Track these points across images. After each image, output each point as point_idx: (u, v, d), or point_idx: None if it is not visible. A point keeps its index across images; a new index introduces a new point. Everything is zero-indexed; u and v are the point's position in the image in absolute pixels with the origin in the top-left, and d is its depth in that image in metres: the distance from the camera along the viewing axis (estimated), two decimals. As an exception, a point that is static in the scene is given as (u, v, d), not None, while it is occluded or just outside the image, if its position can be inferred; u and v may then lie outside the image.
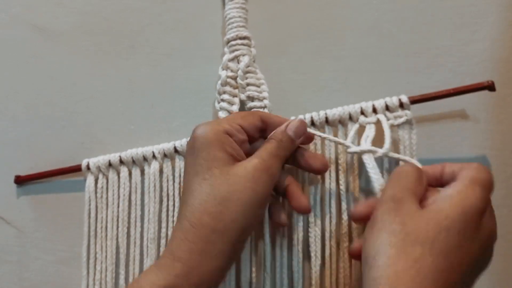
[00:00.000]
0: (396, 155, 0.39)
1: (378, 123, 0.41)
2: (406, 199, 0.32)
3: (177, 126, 0.47)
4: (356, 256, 0.36)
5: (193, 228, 0.33)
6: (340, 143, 0.40)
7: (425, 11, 0.46)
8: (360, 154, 0.39)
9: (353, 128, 0.41)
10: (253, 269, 0.42)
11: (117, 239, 0.45)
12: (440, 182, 0.35)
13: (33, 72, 0.49)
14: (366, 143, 0.39)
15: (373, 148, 0.39)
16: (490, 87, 0.41)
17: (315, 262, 0.41)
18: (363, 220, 0.36)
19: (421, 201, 0.33)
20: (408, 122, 0.41)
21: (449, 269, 0.29)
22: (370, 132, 0.40)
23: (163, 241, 0.43)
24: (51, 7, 0.49)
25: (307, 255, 0.42)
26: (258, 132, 0.39)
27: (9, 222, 0.48)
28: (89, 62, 0.49)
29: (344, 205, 0.41)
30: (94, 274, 0.45)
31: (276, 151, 0.36)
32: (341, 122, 0.42)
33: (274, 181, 0.36)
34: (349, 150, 0.39)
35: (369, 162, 0.38)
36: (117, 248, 0.45)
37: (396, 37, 0.46)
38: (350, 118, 0.42)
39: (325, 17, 0.47)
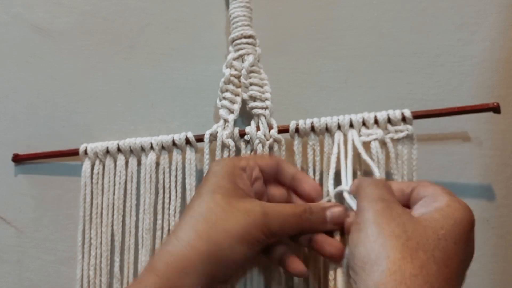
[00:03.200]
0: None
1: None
2: (395, 202, 0.32)
3: (177, 126, 0.47)
4: (336, 256, 0.35)
5: (177, 241, 0.33)
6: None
7: (425, 11, 0.46)
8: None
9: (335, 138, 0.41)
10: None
11: (112, 226, 0.45)
12: (405, 195, 0.35)
13: (33, 72, 0.49)
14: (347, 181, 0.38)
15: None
16: (496, 109, 0.40)
17: None
18: (340, 224, 0.36)
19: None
20: (408, 137, 0.41)
21: (450, 278, 0.28)
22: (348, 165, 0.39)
23: (158, 233, 0.43)
24: (51, 7, 0.49)
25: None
26: (274, 175, 0.39)
27: (9, 222, 0.48)
28: (89, 62, 0.48)
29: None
30: (89, 259, 0.45)
31: (290, 217, 0.35)
32: (341, 130, 0.42)
33: (273, 235, 0.34)
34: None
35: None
36: (112, 235, 0.45)
37: (396, 37, 0.46)
38: (351, 126, 0.41)
39: (325, 17, 0.47)
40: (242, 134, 0.43)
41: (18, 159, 0.48)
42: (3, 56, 0.49)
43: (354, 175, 0.39)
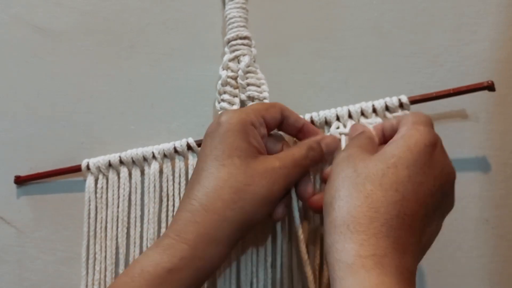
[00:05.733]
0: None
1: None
2: (360, 149, 0.34)
3: (177, 126, 0.47)
4: (317, 208, 0.37)
5: (205, 211, 0.33)
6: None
7: (425, 11, 0.46)
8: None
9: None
10: (254, 269, 0.42)
11: (116, 239, 0.44)
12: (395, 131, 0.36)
13: (33, 72, 0.49)
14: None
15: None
16: (490, 87, 0.41)
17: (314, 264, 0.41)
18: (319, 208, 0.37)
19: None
20: None
21: (401, 201, 0.29)
22: None
23: None
24: (51, 7, 0.49)
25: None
26: (276, 125, 0.39)
27: (9, 222, 0.48)
28: (89, 62, 0.48)
29: None
30: (93, 274, 0.44)
31: (302, 160, 0.36)
32: (340, 121, 0.42)
33: (291, 185, 0.36)
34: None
35: None
36: (117, 248, 0.44)
37: (396, 37, 0.46)
38: (350, 117, 0.42)
39: (325, 17, 0.47)
40: (242, 134, 0.43)
41: (19, 181, 0.48)
42: (3, 56, 0.49)
43: None
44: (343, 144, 0.40)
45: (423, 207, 0.30)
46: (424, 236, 0.31)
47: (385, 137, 0.37)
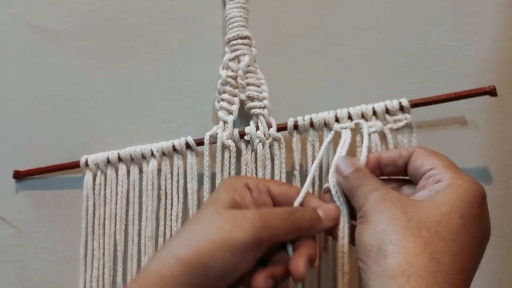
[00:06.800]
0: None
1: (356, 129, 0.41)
2: (394, 192, 0.31)
3: (177, 126, 0.47)
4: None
5: (161, 249, 0.33)
6: None
7: (425, 11, 0.46)
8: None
9: (329, 135, 0.41)
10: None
11: (114, 236, 0.45)
12: (397, 166, 0.35)
13: (33, 72, 0.49)
14: (342, 150, 0.38)
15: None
16: (492, 92, 0.40)
17: None
18: (336, 219, 0.35)
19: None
20: (408, 126, 0.41)
21: (461, 253, 0.27)
22: (346, 138, 0.40)
23: (160, 240, 0.44)
24: (51, 7, 0.49)
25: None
26: (288, 204, 0.36)
27: (9, 222, 0.48)
28: (89, 62, 0.48)
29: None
30: (92, 271, 0.45)
31: (284, 213, 0.33)
32: (339, 123, 0.42)
33: (267, 241, 0.32)
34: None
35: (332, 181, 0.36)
36: (115, 245, 0.45)
37: (396, 37, 0.46)
38: (350, 118, 0.42)
39: (325, 17, 0.47)
40: (242, 135, 0.43)
41: (18, 176, 0.48)
42: (3, 56, 0.49)
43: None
44: (343, 138, 0.40)
45: (475, 262, 0.28)
46: None
47: (398, 167, 0.35)
